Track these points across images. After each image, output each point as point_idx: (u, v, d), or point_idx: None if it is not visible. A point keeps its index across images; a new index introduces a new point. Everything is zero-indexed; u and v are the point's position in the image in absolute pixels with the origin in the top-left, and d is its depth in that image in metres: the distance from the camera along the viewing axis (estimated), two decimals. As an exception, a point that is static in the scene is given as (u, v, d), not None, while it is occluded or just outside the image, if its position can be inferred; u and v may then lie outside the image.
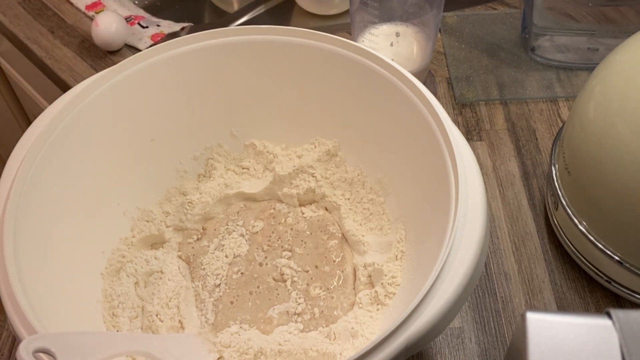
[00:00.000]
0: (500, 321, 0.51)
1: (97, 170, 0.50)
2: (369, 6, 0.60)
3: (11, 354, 0.51)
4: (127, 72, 0.50)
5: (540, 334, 0.29)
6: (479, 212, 0.40)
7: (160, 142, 0.54)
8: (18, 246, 0.40)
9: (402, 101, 0.47)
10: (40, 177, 0.44)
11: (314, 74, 0.53)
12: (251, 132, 0.57)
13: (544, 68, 0.69)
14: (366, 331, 0.46)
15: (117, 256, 0.50)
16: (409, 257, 0.48)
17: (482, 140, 0.63)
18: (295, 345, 0.45)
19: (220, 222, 0.55)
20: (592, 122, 0.46)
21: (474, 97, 0.67)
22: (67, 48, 0.75)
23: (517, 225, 0.57)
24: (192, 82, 0.53)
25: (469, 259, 0.38)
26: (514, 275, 0.53)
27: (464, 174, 0.41)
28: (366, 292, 0.48)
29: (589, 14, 0.64)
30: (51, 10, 0.80)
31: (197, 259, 0.52)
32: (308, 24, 0.83)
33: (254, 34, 0.52)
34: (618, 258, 0.48)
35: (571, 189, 0.50)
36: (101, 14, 0.72)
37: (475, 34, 0.74)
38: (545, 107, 0.66)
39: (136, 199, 0.53)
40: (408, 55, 0.63)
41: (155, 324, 0.47)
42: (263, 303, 0.49)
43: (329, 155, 0.56)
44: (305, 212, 0.55)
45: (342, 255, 0.51)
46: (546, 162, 0.61)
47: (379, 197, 0.53)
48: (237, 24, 0.86)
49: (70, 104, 0.47)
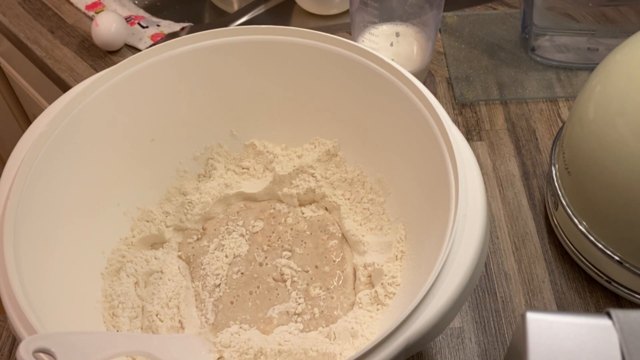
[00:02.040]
0: (500, 321, 0.51)
1: (97, 170, 0.50)
2: (369, 6, 0.60)
3: (11, 354, 0.51)
4: (127, 72, 0.50)
5: (540, 334, 0.29)
6: (479, 212, 0.40)
7: (160, 142, 0.54)
8: (18, 246, 0.40)
9: (402, 101, 0.47)
10: (40, 177, 0.44)
11: (314, 74, 0.53)
12: (251, 132, 0.57)
13: (544, 68, 0.69)
14: (366, 331, 0.46)
15: (117, 256, 0.50)
16: (409, 257, 0.48)
17: (482, 140, 0.63)
18: (295, 345, 0.45)
19: (220, 222, 0.55)
20: (592, 122, 0.46)
21: (474, 97, 0.67)
22: (67, 48, 0.75)
23: (517, 225, 0.57)
24: (192, 82, 0.53)
25: (469, 259, 0.38)
26: (514, 275, 0.53)
27: (464, 174, 0.41)
28: (366, 292, 0.48)
29: (589, 14, 0.64)
30: (51, 10, 0.80)
31: (197, 259, 0.52)
32: (308, 24, 0.83)
33: (254, 34, 0.52)
34: (618, 258, 0.48)
35: (571, 189, 0.50)
36: (101, 14, 0.72)
37: (475, 34, 0.74)
38: (545, 107, 0.66)
39: (136, 199, 0.53)
40: (408, 55, 0.63)
41: (155, 324, 0.47)
42: (263, 303, 0.49)
43: (329, 155, 0.56)
44: (305, 212, 0.55)
45: (342, 255, 0.51)
46: (546, 162, 0.61)
47: (379, 197, 0.53)
48: (237, 24, 0.86)
49: (70, 104, 0.47)
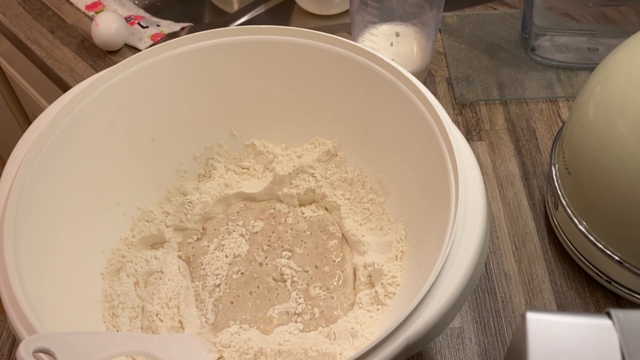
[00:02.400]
0: (500, 321, 0.51)
1: (97, 170, 0.50)
2: (369, 6, 0.60)
3: (11, 354, 0.51)
4: (127, 72, 0.50)
5: (540, 334, 0.29)
6: (479, 212, 0.40)
7: (160, 142, 0.54)
8: (18, 246, 0.40)
9: (402, 101, 0.47)
10: (40, 177, 0.44)
11: (314, 74, 0.53)
12: (251, 132, 0.57)
13: (544, 68, 0.69)
14: (366, 331, 0.46)
15: (117, 256, 0.50)
16: (409, 257, 0.48)
17: (482, 140, 0.63)
18: (295, 345, 0.45)
19: (220, 222, 0.55)
20: (592, 122, 0.46)
21: (474, 97, 0.67)
22: (67, 48, 0.75)
23: (517, 225, 0.57)
24: (192, 82, 0.53)
25: (469, 259, 0.38)
26: (514, 275, 0.53)
27: (464, 174, 0.41)
28: (366, 292, 0.48)
29: (589, 14, 0.64)
30: (51, 10, 0.80)
31: (197, 259, 0.52)
32: (308, 24, 0.83)
33: (254, 34, 0.52)
34: (618, 258, 0.48)
35: (571, 189, 0.50)
36: (101, 14, 0.72)
37: (475, 34, 0.74)
38: (545, 107, 0.66)
39: (136, 199, 0.53)
40: (408, 55, 0.63)
41: (155, 324, 0.47)
42: (263, 303, 0.49)
43: (329, 155, 0.56)
44: (305, 212, 0.55)
45: (342, 255, 0.51)
46: (546, 162, 0.61)
47: (379, 197, 0.53)
48: (237, 24, 0.86)
49: (70, 104, 0.47)
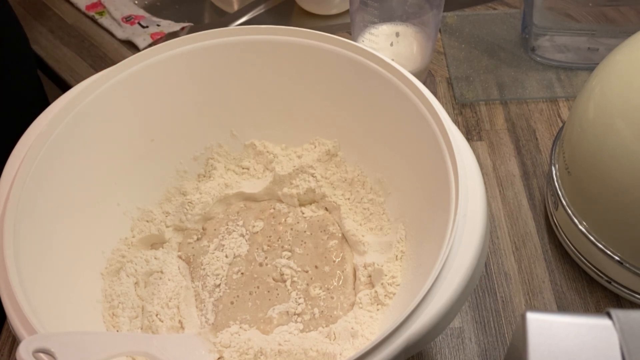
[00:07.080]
0: (500, 321, 0.51)
1: (97, 170, 0.50)
2: (369, 6, 0.60)
3: (11, 354, 0.51)
4: (127, 72, 0.50)
5: (540, 334, 0.29)
6: (479, 212, 0.40)
7: (160, 142, 0.54)
8: (18, 246, 0.40)
9: (402, 101, 0.47)
10: (40, 177, 0.44)
11: (314, 73, 0.53)
12: (251, 132, 0.57)
13: (544, 68, 0.69)
14: (366, 331, 0.46)
15: (117, 256, 0.50)
16: (409, 257, 0.48)
17: (482, 140, 0.63)
18: (295, 345, 0.45)
19: (220, 222, 0.55)
20: (592, 122, 0.46)
21: (474, 97, 0.67)
22: (67, 48, 0.75)
23: (517, 225, 0.57)
24: (192, 82, 0.53)
25: (469, 259, 0.38)
26: (514, 275, 0.53)
27: (464, 174, 0.41)
28: (366, 292, 0.48)
29: (589, 14, 0.64)
30: (51, 10, 0.80)
31: (197, 259, 0.52)
32: (308, 24, 0.83)
33: (254, 34, 0.52)
34: (618, 258, 0.47)
35: (571, 189, 0.50)
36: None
37: (475, 34, 0.74)
38: (545, 107, 0.66)
39: (136, 199, 0.53)
40: (408, 55, 0.63)
41: (155, 324, 0.47)
42: (263, 303, 0.49)
43: (329, 155, 0.56)
44: (305, 212, 0.54)
45: (342, 255, 0.51)
46: (546, 162, 0.61)
47: (379, 197, 0.53)
48: (237, 24, 0.86)
49: (70, 104, 0.47)
